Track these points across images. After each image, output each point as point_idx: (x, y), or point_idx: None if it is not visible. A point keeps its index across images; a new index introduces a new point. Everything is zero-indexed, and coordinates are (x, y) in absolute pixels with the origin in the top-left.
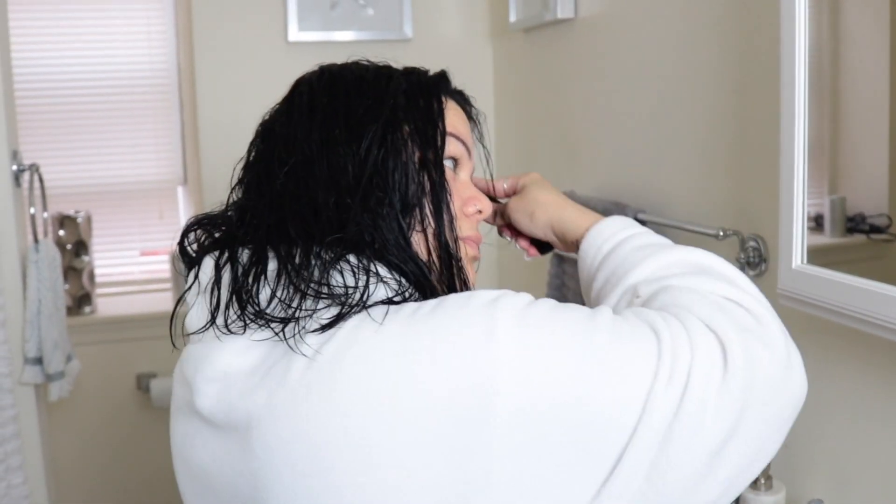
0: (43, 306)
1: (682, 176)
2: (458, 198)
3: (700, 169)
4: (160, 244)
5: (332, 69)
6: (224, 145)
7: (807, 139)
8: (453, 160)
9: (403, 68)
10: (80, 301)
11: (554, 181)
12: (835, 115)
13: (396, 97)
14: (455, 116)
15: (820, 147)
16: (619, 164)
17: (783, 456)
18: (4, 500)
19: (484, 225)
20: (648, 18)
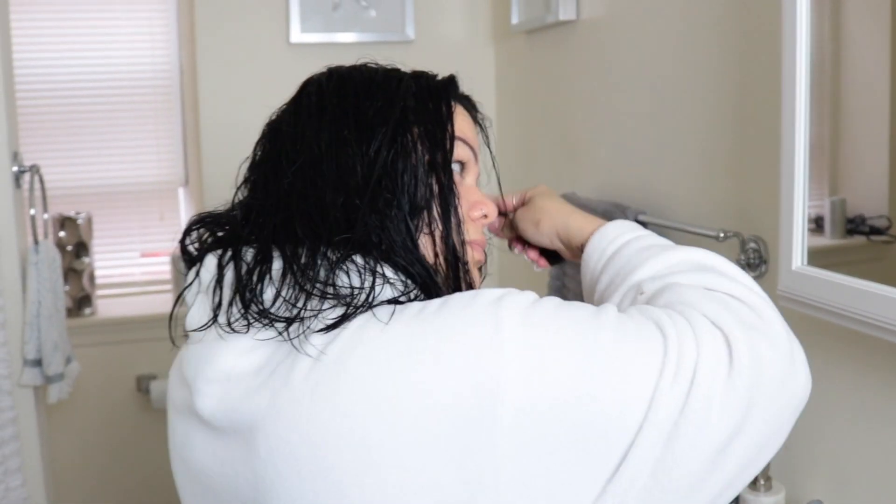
0: (43, 308)
1: (683, 177)
2: (465, 201)
3: (701, 170)
4: (161, 246)
5: (341, 70)
6: (225, 147)
7: (807, 141)
8: (460, 164)
9: (412, 71)
10: (81, 302)
11: (555, 182)
12: (835, 117)
13: (406, 100)
14: (462, 121)
15: (820, 148)
16: (620, 166)
17: (783, 457)
18: (3, 503)
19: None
20: (650, 20)
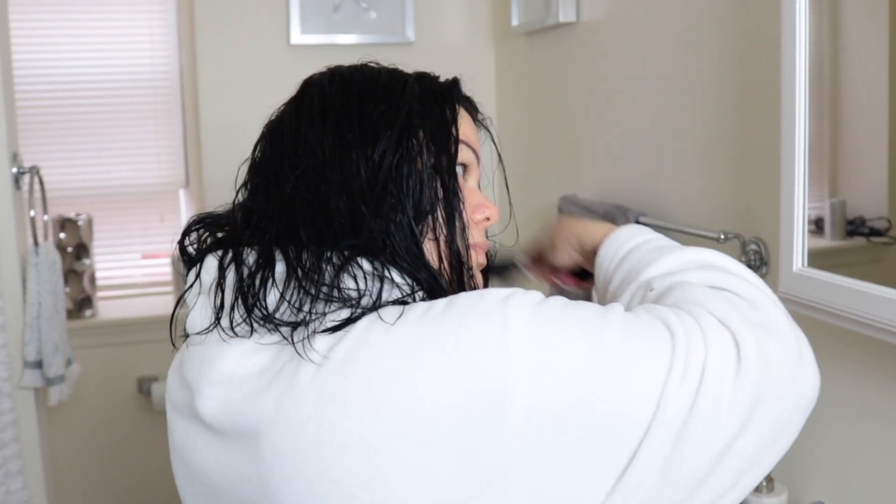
0: (43, 309)
1: (684, 179)
2: (468, 205)
3: (701, 172)
4: (161, 247)
5: (342, 71)
6: (226, 148)
7: (807, 142)
8: (463, 167)
9: (415, 73)
10: (81, 304)
11: (556, 184)
12: (835, 119)
13: (411, 103)
14: (465, 123)
15: (820, 150)
16: (621, 168)
17: (785, 458)
18: None
19: (490, 230)
20: (650, 22)
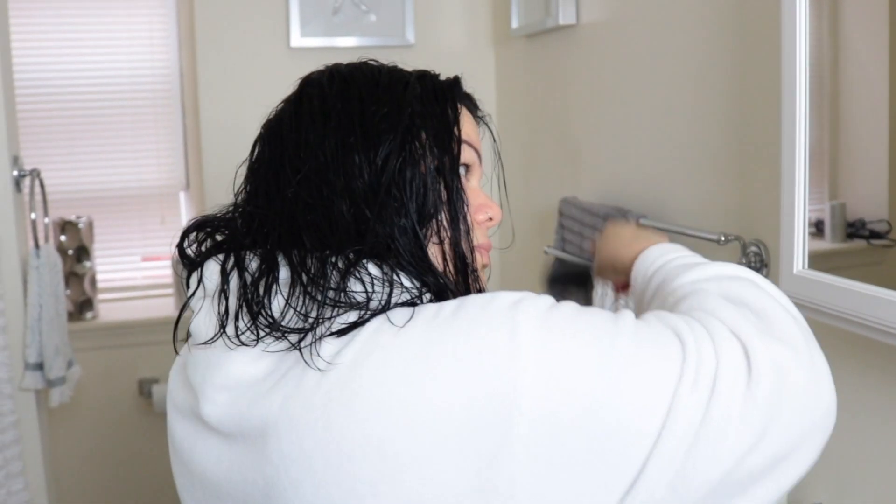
0: (44, 312)
1: (684, 181)
2: (471, 206)
3: (701, 174)
4: (162, 250)
5: (342, 70)
6: (226, 151)
7: (807, 145)
8: (465, 167)
9: (415, 72)
10: (82, 306)
11: (556, 186)
12: (835, 122)
13: (413, 104)
14: (467, 122)
15: (820, 153)
16: (621, 170)
17: None
18: None
19: (498, 234)
20: (650, 25)
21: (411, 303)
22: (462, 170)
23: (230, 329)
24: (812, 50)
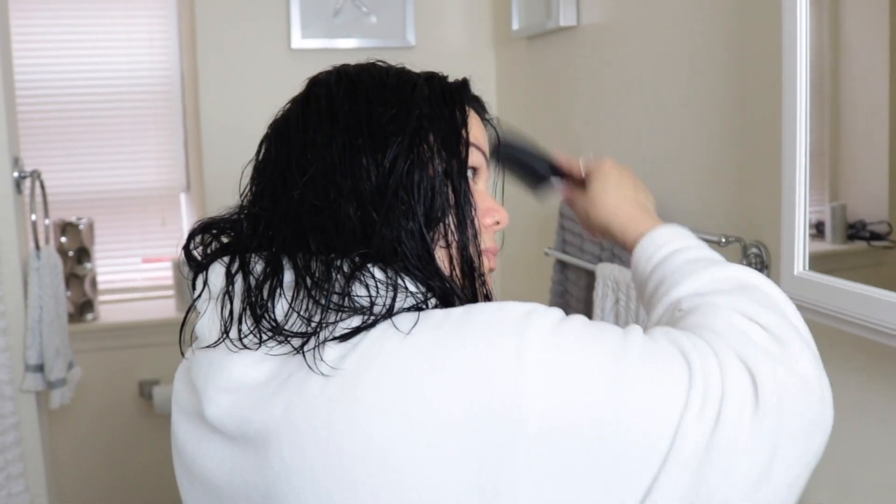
0: (44, 313)
1: (685, 183)
2: (478, 209)
3: (702, 176)
4: (162, 251)
5: (350, 71)
6: (227, 152)
7: (808, 146)
8: (473, 170)
9: (423, 74)
10: (83, 308)
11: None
12: (835, 123)
13: (421, 106)
14: (475, 125)
15: (821, 154)
16: None
17: None
18: None
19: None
20: (651, 26)
21: (416, 308)
22: (469, 173)
23: (233, 332)
24: (812, 51)
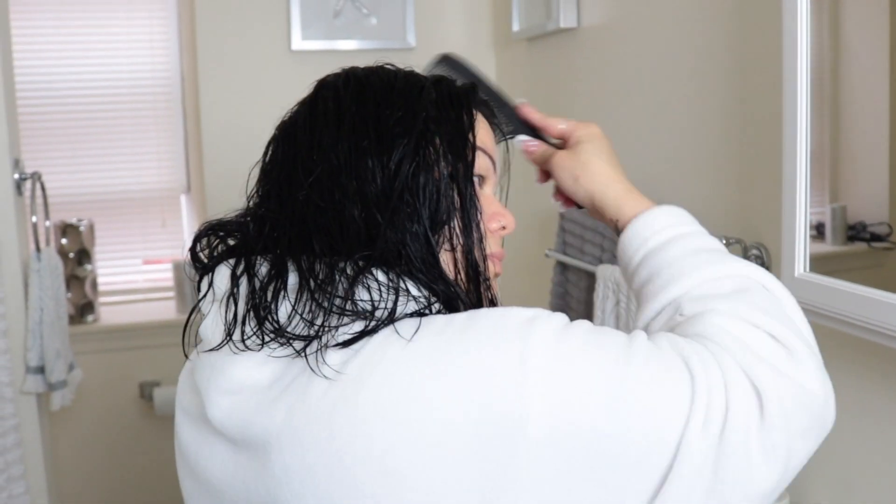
0: (45, 315)
1: (685, 184)
2: (484, 213)
3: (702, 177)
4: (163, 253)
5: (358, 73)
6: (227, 153)
7: (808, 148)
8: (479, 176)
9: (432, 77)
10: (83, 310)
11: None
12: (836, 124)
13: (428, 108)
14: (482, 129)
15: (821, 155)
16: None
17: None
18: None
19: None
20: (651, 28)
21: (419, 313)
22: (476, 178)
23: (236, 334)
24: (813, 53)
